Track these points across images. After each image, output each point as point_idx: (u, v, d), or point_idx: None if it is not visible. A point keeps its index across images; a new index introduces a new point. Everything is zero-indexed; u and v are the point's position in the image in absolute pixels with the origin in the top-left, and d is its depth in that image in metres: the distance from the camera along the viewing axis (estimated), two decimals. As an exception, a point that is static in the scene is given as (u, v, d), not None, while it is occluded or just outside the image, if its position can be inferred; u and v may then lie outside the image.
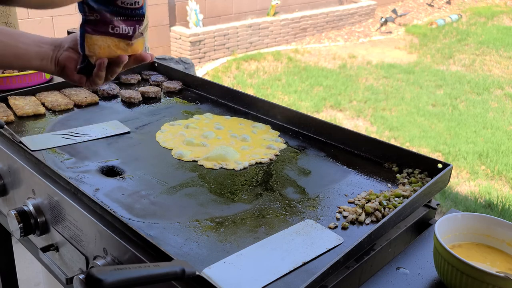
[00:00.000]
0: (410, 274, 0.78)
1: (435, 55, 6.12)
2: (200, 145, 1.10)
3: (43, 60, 0.85)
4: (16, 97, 1.28)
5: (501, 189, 3.16)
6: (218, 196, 0.91)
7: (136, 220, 0.82)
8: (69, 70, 0.86)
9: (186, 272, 0.62)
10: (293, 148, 1.13)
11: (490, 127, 4.09)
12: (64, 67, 0.86)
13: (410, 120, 4.19)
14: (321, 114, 4.28)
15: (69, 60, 0.86)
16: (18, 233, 0.95)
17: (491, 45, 6.56)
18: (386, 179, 1.00)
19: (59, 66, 0.86)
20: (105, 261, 0.81)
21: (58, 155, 1.03)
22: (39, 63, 0.85)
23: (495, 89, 5.03)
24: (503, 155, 3.58)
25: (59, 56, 0.86)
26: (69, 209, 0.87)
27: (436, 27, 7.37)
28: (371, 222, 0.85)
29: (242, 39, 5.90)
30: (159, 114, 1.28)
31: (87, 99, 1.31)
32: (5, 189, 1.09)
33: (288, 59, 5.70)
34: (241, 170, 1.02)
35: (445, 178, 0.94)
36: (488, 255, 0.77)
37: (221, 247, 0.76)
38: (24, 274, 2.13)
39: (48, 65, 0.86)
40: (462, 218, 0.80)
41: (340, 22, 7.09)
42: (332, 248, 0.77)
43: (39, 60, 0.85)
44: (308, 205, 0.90)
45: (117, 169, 0.99)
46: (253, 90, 4.72)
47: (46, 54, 0.85)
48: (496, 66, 5.81)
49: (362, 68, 5.54)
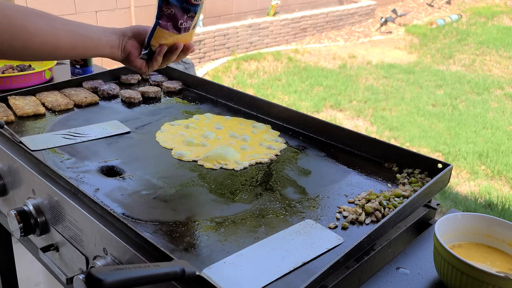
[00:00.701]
0: (410, 274, 0.78)
1: (435, 55, 6.12)
2: (200, 145, 1.10)
3: (113, 47, 0.96)
4: (16, 97, 1.28)
5: (501, 189, 3.16)
6: (218, 196, 0.91)
7: (136, 220, 0.82)
8: (133, 56, 0.98)
9: (186, 272, 0.62)
10: (293, 148, 1.13)
11: (490, 127, 4.09)
12: (129, 54, 0.98)
13: (410, 120, 4.19)
14: (321, 114, 4.28)
15: (133, 47, 0.98)
16: (18, 233, 0.95)
17: (491, 45, 6.57)
18: (386, 179, 1.00)
19: (124, 52, 0.97)
20: (105, 261, 0.81)
21: (58, 155, 1.03)
22: (109, 50, 0.96)
23: (495, 89, 5.03)
24: (503, 155, 3.58)
25: (125, 44, 0.97)
26: (69, 209, 0.87)
27: (436, 27, 7.37)
28: (371, 222, 0.85)
29: (242, 39, 5.90)
30: (159, 114, 1.28)
31: (87, 99, 1.31)
32: (5, 189, 1.09)
33: (288, 59, 5.70)
34: (241, 170, 1.02)
35: (445, 178, 0.94)
36: (488, 255, 0.77)
37: (221, 247, 0.76)
38: (24, 274, 2.13)
39: (116, 52, 0.97)
40: (462, 218, 0.80)
41: (340, 22, 7.09)
42: (332, 248, 0.77)
43: (109, 48, 0.95)
44: (308, 205, 0.90)
45: (117, 169, 0.99)
46: (253, 90, 4.72)
47: (114, 42, 0.96)
48: (496, 66, 5.81)
49: (362, 68, 5.54)
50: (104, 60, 4.62)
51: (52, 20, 0.89)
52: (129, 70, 1.53)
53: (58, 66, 1.70)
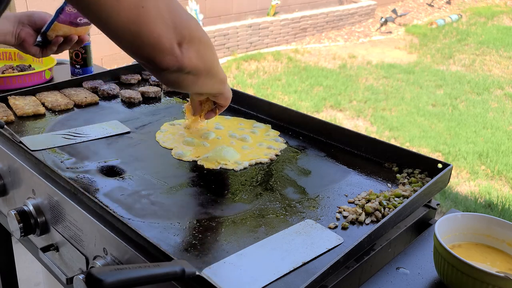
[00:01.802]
0: (410, 274, 0.78)
1: (435, 55, 6.12)
2: (200, 145, 1.10)
3: (7, 36, 0.99)
4: (16, 97, 1.28)
5: (501, 189, 3.16)
6: (218, 196, 0.91)
7: (136, 220, 0.82)
8: (27, 44, 1.02)
9: (186, 272, 0.62)
10: (293, 148, 1.13)
11: (490, 127, 4.09)
12: (23, 41, 1.01)
13: (410, 120, 4.19)
14: (321, 114, 4.28)
15: (28, 35, 1.01)
16: (18, 233, 0.95)
17: (491, 45, 6.57)
18: (386, 179, 1.00)
19: (18, 40, 1.01)
20: (105, 261, 0.81)
21: (58, 155, 1.03)
22: (2, 38, 0.99)
23: (495, 89, 5.03)
24: (503, 155, 3.59)
25: (19, 31, 1.00)
26: (69, 209, 0.87)
27: (436, 27, 7.37)
28: (371, 222, 0.85)
29: (242, 39, 5.90)
30: (159, 114, 1.28)
31: (87, 99, 1.31)
32: (5, 189, 1.09)
33: (288, 59, 5.70)
34: (241, 170, 1.02)
35: (445, 178, 0.94)
36: (488, 255, 0.77)
37: (221, 247, 0.76)
38: (24, 274, 2.13)
39: (9, 39, 1.00)
40: (462, 218, 0.80)
41: (340, 22, 7.09)
42: (332, 248, 0.77)
43: (3, 36, 0.99)
44: (308, 205, 0.90)
45: (117, 169, 0.99)
46: (253, 90, 4.72)
47: (8, 30, 0.99)
48: (496, 66, 5.81)
49: (362, 68, 5.54)
50: (104, 60, 4.62)
51: None
52: (130, 70, 1.53)
53: (58, 66, 1.70)
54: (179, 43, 0.72)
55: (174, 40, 0.71)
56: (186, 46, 0.74)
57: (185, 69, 0.76)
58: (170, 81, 0.79)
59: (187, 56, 0.74)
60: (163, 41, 0.70)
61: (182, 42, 0.73)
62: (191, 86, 0.84)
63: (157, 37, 0.69)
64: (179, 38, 0.72)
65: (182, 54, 0.73)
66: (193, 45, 0.75)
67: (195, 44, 0.76)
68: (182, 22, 0.72)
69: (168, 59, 0.72)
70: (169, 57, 0.72)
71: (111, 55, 4.70)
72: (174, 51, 0.72)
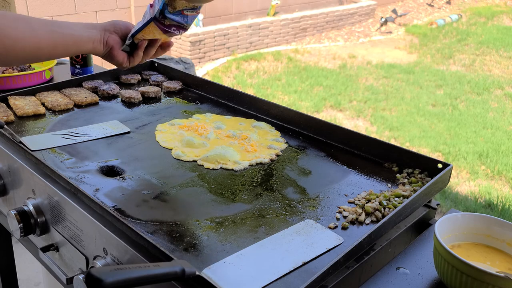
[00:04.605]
0: (410, 274, 0.78)
1: (435, 55, 6.12)
2: (200, 145, 1.10)
3: (95, 42, 0.97)
4: (16, 97, 1.28)
5: (501, 189, 3.16)
6: (218, 196, 0.91)
7: (136, 220, 0.82)
8: (115, 51, 1.00)
9: (186, 272, 0.62)
10: (293, 148, 1.13)
11: (490, 127, 4.09)
12: (111, 48, 0.99)
13: (410, 120, 4.19)
14: (321, 114, 4.28)
15: (115, 41, 0.99)
16: (18, 233, 0.95)
17: (491, 45, 6.57)
18: (386, 179, 1.00)
19: (107, 46, 0.99)
20: (105, 261, 0.81)
21: (58, 155, 1.03)
22: (91, 45, 0.97)
23: (495, 89, 5.03)
24: (503, 155, 3.58)
25: (107, 38, 0.98)
26: (69, 209, 0.87)
27: (436, 27, 7.37)
28: (371, 222, 0.85)
29: (242, 39, 5.90)
30: (159, 114, 1.28)
31: (87, 99, 1.31)
32: (5, 189, 1.09)
33: (288, 59, 5.70)
34: (241, 170, 1.02)
35: (445, 178, 0.94)
36: (488, 255, 0.77)
37: (221, 247, 0.76)
38: (24, 274, 2.14)
39: (98, 47, 0.98)
40: (462, 218, 0.80)
41: (340, 22, 7.09)
42: (332, 248, 0.77)
43: (91, 43, 0.96)
44: (308, 205, 0.90)
45: (117, 169, 0.99)
46: (253, 90, 4.72)
47: (96, 37, 0.97)
48: (496, 66, 5.81)
49: (362, 68, 5.54)
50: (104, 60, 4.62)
51: (30, 22, 0.88)
52: (129, 70, 1.53)
53: (58, 66, 1.70)
54: None
55: None
56: None
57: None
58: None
59: None
60: None
61: None
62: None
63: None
64: None
65: None
66: None
67: None
68: None
69: None
70: None
71: (111, 55, 4.68)
72: None
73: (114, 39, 0.99)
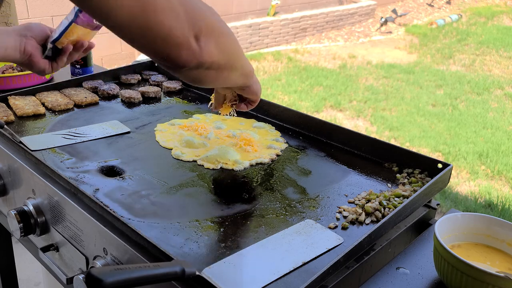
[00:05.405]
0: (410, 274, 0.78)
1: (435, 55, 6.12)
2: (200, 145, 1.10)
3: (8, 49, 0.89)
4: (16, 97, 1.28)
5: (501, 189, 3.16)
6: (218, 196, 0.91)
7: (136, 220, 0.82)
8: (35, 58, 0.92)
9: (186, 272, 0.62)
10: (293, 148, 1.13)
11: (490, 127, 4.09)
12: (30, 55, 0.91)
13: (410, 120, 4.19)
14: (321, 114, 4.28)
15: (34, 48, 0.92)
16: (18, 233, 0.95)
17: (491, 45, 6.57)
18: (386, 179, 1.00)
19: (25, 54, 0.91)
20: (105, 261, 0.81)
21: (58, 155, 1.03)
22: (3, 52, 0.89)
23: (495, 89, 5.03)
24: (503, 155, 3.58)
25: (24, 45, 0.90)
26: (69, 209, 0.87)
27: (436, 27, 7.37)
28: (371, 222, 0.85)
29: (242, 39, 5.89)
30: (159, 114, 1.28)
31: (87, 99, 1.31)
32: (5, 189, 1.09)
33: (288, 59, 5.70)
34: (241, 170, 1.02)
35: (445, 178, 0.94)
36: (488, 255, 0.77)
37: (221, 247, 0.76)
38: (24, 274, 2.14)
39: (13, 54, 0.90)
40: (462, 218, 0.80)
41: (340, 22, 7.09)
42: (332, 248, 0.77)
43: (4, 50, 0.89)
44: (308, 205, 0.90)
45: (117, 169, 0.99)
46: (253, 90, 4.71)
47: (9, 44, 0.89)
48: (496, 66, 5.81)
49: (362, 68, 5.54)
50: (104, 60, 4.62)
51: None
52: (130, 70, 1.53)
53: (58, 66, 1.70)
54: (196, 36, 0.66)
55: (189, 32, 0.65)
56: (204, 39, 0.67)
57: (205, 64, 0.69)
58: (191, 78, 0.73)
59: (207, 51, 0.67)
60: (176, 34, 0.63)
61: (199, 35, 0.66)
62: (214, 81, 0.77)
63: (168, 30, 0.62)
64: (196, 31, 0.65)
65: (201, 49, 0.66)
66: (212, 38, 0.68)
67: (214, 36, 0.68)
68: (196, 12, 0.65)
69: (185, 54, 0.65)
70: (186, 51, 0.65)
71: (111, 55, 4.70)
72: (191, 45, 0.65)
73: (32, 46, 0.92)
